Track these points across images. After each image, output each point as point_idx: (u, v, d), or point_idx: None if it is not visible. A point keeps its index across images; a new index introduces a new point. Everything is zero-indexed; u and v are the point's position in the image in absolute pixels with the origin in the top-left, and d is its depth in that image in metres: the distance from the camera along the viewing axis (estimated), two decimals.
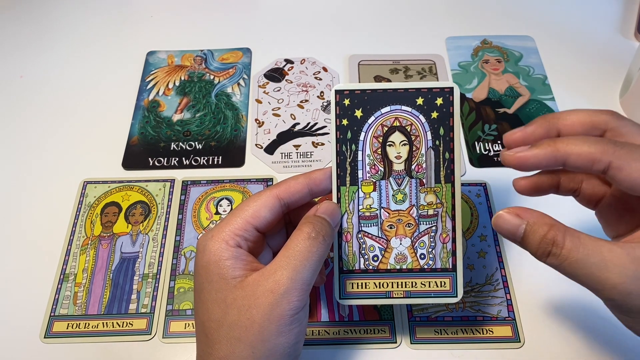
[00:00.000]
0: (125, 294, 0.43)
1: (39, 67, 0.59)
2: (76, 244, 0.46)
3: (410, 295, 0.35)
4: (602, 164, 0.27)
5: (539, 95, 0.56)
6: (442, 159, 0.35)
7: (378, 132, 0.35)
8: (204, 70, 0.59)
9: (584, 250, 0.27)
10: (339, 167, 0.35)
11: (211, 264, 0.31)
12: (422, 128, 0.34)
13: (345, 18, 0.64)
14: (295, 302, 0.30)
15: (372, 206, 0.35)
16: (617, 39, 0.61)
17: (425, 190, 0.35)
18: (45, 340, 0.41)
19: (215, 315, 0.31)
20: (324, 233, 0.32)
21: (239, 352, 0.30)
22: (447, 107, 0.34)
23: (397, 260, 0.35)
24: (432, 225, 0.35)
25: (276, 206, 0.33)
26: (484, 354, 0.40)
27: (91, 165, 0.51)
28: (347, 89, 0.35)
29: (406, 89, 0.34)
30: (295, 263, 0.30)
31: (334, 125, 0.35)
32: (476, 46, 0.60)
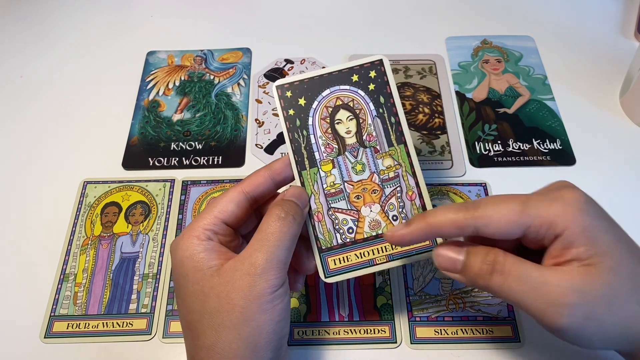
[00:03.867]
0: (125, 294, 0.43)
1: (39, 67, 0.59)
2: (76, 244, 0.46)
3: (393, 258, 0.35)
4: (470, 228, 0.30)
5: (539, 95, 0.56)
6: (389, 124, 0.36)
7: (324, 114, 0.37)
8: (204, 70, 0.59)
9: (525, 267, 0.29)
10: (295, 153, 0.36)
11: (185, 259, 0.32)
12: (363, 101, 0.37)
13: (345, 18, 0.64)
14: (273, 280, 0.31)
15: (335, 182, 0.36)
16: (617, 39, 0.61)
17: (381, 156, 0.36)
18: (45, 340, 0.41)
19: (195, 307, 0.31)
20: (293, 212, 0.33)
21: (224, 337, 0.30)
22: (382, 77, 0.37)
23: (371, 227, 0.36)
24: (396, 186, 0.36)
25: (242, 200, 0.34)
26: (484, 354, 0.40)
27: (91, 165, 0.51)
28: (286, 82, 0.37)
29: (340, 70, 0.37)
30: (269, 244, 0.31)
31: (282, 117, 0.36)
32: (476, 46, 0.60)
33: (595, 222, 0.28)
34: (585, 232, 0.28)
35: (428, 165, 0.50)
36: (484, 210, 0.29)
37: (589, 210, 0.29)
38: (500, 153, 0.51)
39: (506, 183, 0.49)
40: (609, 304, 0.27)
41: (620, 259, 0.28)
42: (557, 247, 0.29)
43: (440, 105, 0.55)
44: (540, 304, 0.28)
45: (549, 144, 0.52)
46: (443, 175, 0.50)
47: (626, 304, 0.28)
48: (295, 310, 0.42)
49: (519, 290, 0.28)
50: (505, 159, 0.51)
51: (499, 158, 0.51)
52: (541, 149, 0.51)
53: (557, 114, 0.54)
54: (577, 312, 0.27)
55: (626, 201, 0.48)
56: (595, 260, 0.28)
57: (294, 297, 0.43)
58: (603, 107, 0.55)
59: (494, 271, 0.29)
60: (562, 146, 0.52)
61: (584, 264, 0.28)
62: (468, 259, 0.31)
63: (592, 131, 0.53)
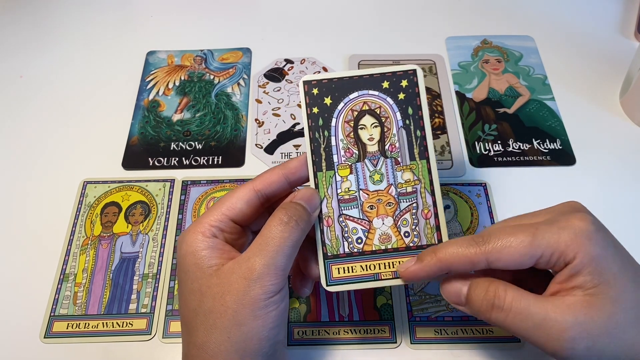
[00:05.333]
0: (125, 294, 0.43)
1: (39, 67, 0.59)
2: (76, 244, 0.46)
3: (399, 276, 0.34)
4: (482, 263, 0.30)
5: (539, 95, 0.56)
6: (414, 137, 0.35)
7: (349, 117, 0.36)
8: (203, 70, 0.59)
9: (526, 301, 0.29)
10: (313, 153, 0.35)
11: (188, 255, 0.32)
12: (390, 109, 0.36)
13: (345, 18, 0.64)
14: (269, 287, 0.30)
15: (350, 189, 0.35)
16: (617, 39, 0.61)
17: (401, 169, 0.35)
18: (45, 340, 0.41)
19: (192, 304, 0.31)
20: (297, 217, 0.32)
21: (214, 338, 0.30)
22: (413, 88, 0.35)
23: (381, 240, 0.35)
24: (412, 202, 0.35)
25: (252, 198, 0.34)
26: (484, 354, 0.40)
27: (91, 165, 0.51)
28: (314, 79, 0.36)
29: (371, 75, 0.35)
30: (268, 249, 0.31)
31: (305, 114, 0.35)
32: (476, 46, 0.60)
33: (603, 252, 0.29)
34: (593, 262, 0.28)
35: None
36: (494, 244, 0.29)
37: (598, 239, 0.29)
38: (500, 153, 0.51)
39: (506, 183, 0.49)
40: (610, 335, 0.28)
41: (624, 289, 0.28)
42: (565, 273, 0.29)
43: (440, 105, 0.55)
44: (543, 340, 0.28)
45: (549, 144, 0.52)
46: (443, 175, 0.50)
47: (628, 334, 0.28)
48: (295, 310, 0.42)
49: (521, 326, 0.29)
50: (505, 159, 0.51)
51: (499, 158, 0.51)
52: (541, 149, 0.51)
53: (557, 114, 0.54)
54: (580, 345, 0.28)
55: (626, 201, 0.48)
56: (598, 290, 0.28)
57: (294, 297, 0.43)
58: (603, 107, 0.55)
59: (494, 307, 0.30)
60: (562, 146, 0.52)
61: (588, 293, 0.28)
62: (470, 293, 0.31)
63: (592, 131, 0.53)
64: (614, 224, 0.46)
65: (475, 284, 0.31)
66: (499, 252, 0.29)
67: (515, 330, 0.29)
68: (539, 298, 0.29)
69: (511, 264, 0.29)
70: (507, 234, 0.29)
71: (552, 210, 0.32)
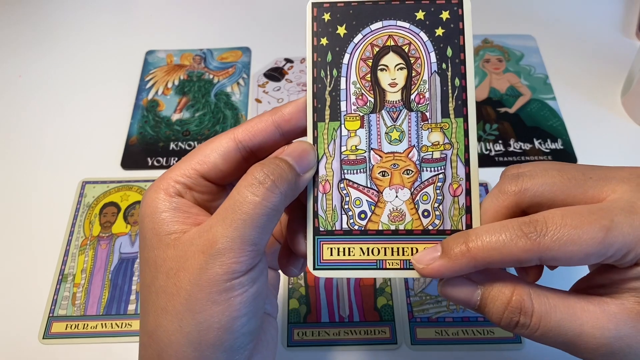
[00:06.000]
0: (124, 295, 0.43)
1: (38, 67, 0.59)
2: (75, 244, 0.46)
3: (410, 267, 0.27)
4: (533, 262, 0.23)
5: (540, 94, 0.55)
6: (450, 87, 0.27)
7: (367, 54, 0.28)
8: (203, 69, 0.58)
9: (556, 316, 0.23)
10: (315, 97, 0.27)
11: (146, 216, 0.26)
12: (423, 48, 0.28)
13: None
14: (232, 265, 0.23)
15: (358, 147, 0.27)
16: (618, 39, 0.61)
17: (429, 127, 0.27)
18: (43, 341, 0.41)
19: (146, 279, 0.25)
20: (276, 177, 0.24)
21: (165, 324, 0.24)
22: (456, 23, 0.28)
23: (391, 218, 0.27)
24: (438, 172, 0.27)
25: (231, 150, 0.27)
26: (485, 355, 0.40)
27: (90, 165, 0.51)
28: (327, 1, 0.28)
29: (403, 0, 0.27)
30: (234, 217, 0.24)
31: (310, 46, 0.28)
32: (477, 45, 0.60)
33: None
34: None
35: None
36: (554, 237, 0.22)
37: None
38: (502, 153, 0.51)
39: None
40: None
41: None
42: (630, 273, 0.23)
43: None
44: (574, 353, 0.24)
45: (550, 144, 0.51)
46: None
47: None
48: (295, 311, 0.42)
49: (551, 343, 0.24)
50: (506, 158, 0.51)
51: (500, 158, 0.51)
52: (542, 149, 0.51)
53: (559, 113, 0.54)
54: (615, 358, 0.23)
55: None
56: None
57: (294, 298, 0.43)
58: (604, 107, 0.55)
59: (518, 325, 0.24)
60: (563, 146, 0.51)
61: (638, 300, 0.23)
62: (486, 304, 0.25)
63: (594, 131, 0.53)
64: None
65: (494, 290, 0.24)
66: (560, 249, 0.22)
67: (542, 342, 0.24)
68: (571, 307, 0.24)
69: (571, 264, 0.23)
70: (573, 224, 0.22)
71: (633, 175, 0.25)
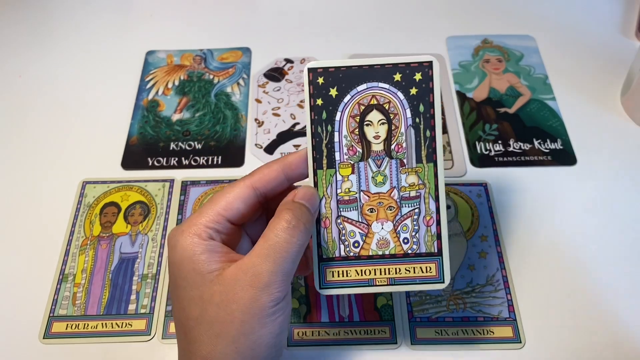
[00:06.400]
0: (124, 295, 0.43)
1: (38, 67, 0.59)
2: (75, 244, 0.46)
3: (395, 283, 0.33)
4: None
5: (539, 94, 0.55)
6: (422, 138, 0.33)
7: (355, 112, 0.33)
8: (203, 69, 0.58)
9: None
10: (314, 149, 0.33)
11: (185, 259, 0.30)
12: (400, 105, 0.33)
13: (345, 17, 0.64)
14: (276, 294, 0.29)
15: (351, 189, 0.33)
16: (618, 39, 0.61)
17: (406, 171, 0.33)
18: (44, 340, 0.41)
19: (193, 313, 0.30)
20: (305, 220, 0.30)
21: (221, 348, 0.29)
22: (427, 83, 0.33)
23: (379, 245, 0.34)
24: (414, 207, 0.33)
25: (250, 197, 0.32)
26: (485, 354, 0.40)
27: (90, 165, 0.51)
28: (320, 67, 0.33)
29: (383, 65, 0.33)
30: (276, 255, 0.29)
31: (308, 106, 0.33)
32: (477, 46, 0.60)
33: None
34: None
35: None
36: None
37: None
38: (501, 153, 0.51)
39: (507, 183, 0.49)
40: None
41: None
42: None
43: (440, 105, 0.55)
44: None
45: (549, 144, 0.52)
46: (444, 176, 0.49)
47: None
48: (295, 311, 0.42)
49: None
50: (506, 158, 0.51)
51: (500, 158, 0.51)
52: (542, 149, 0.51)
53: (558, 113, 0.54)
54: None
55: (627, 201, 0.48)
56: None
57: (294, 298, 0.43)
58: (604, 107, 0.55)
59: None
60: (563, 146, 0.51)
61: None
62: None
63: (593, 131, 0.53)
64: (614, 224, 0.47)
65: None
66: None
67: None
68: None
69: None
70: None
71: None
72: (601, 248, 0.45)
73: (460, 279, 0.43)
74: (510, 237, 0.46)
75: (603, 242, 0.46)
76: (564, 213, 0.47)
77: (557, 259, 0.45)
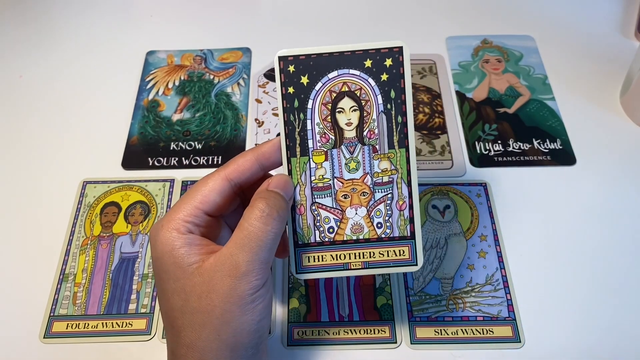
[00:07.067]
0: (124, 294, 0.43)
1: (38, 67, 0.59)
2: (76, 244, 0.46)
3: (369, 266, 0.34)
4: None
5: (539, 95, 0.56)
6: (394, 123, 0.33)
7: (326, 99, 0.33)
8: (203, 70, 0.58)
9: None
10: (287, 137, 0.33)
11: (165, 254, 0.31)
12: (371, 92, 0.33)
13: (345, 17, 0.64)
14: (255, 282, 0.30)
15: (324, 176, 0.34)
16: (617, 39, 0.61)
17: (378, 157, 0.34)
18: (44, 340, 0.41)
19: (177, 304, 0.31)
20: (278, 208, 0.31)
21: (204, 336, 0.30)
22: (397, 68, 0.33)
23: (353, 230, 0.34)
24: (387, 192, 0.34)
25: (226, 188, 0.33)
26: (484, 354, 0.40)
27: (91, 165, 0.51)
28: (291, 55, 0.33)
29: (353, 52, 0.33)
30: (251, 244, 0.30)
31: (280, 94, 0.33)
32: (476, 46, 0.60)
33: None
34: None
35: (428, 165, 0.50)
36: None
37: None
38: (501, 153, 0.51)
39: (506, 183, 0.49)
40: None
41: None
42: None
43: (440, 105, 0.55)
44: None
45: (549, 144, 0.52)
46: (443, 175, 0.50)
47: None
48: (295, 310, 0.42)
49: None
50: (505, 158, 0.51)
51: (499, 158, 0.51)
52: (541, 149, 0.51)
53: (558, 113, 0.54)
54: None
55: (627, 201, 0.48)
56: None
57: (294, 298, 0.43)
58: (603, 107, 0.55)
59: None
60: (562, 146, 0.52)
61: None
62: None
63: (593, 131, 0.53)
64: (614, 224, 0.47)
65: None
66: None
67: None
68: None
69: None
70: None
71: None
72: (600, 247, 0.45)
73: (459, 279, 0.44)
74: (509, 236, 0.46)
75: (602, 241, 0.46)
76: (563, 213, 0.47)
77: (556, 259, 0.45)
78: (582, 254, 0.45)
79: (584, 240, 0.46)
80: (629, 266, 0.44)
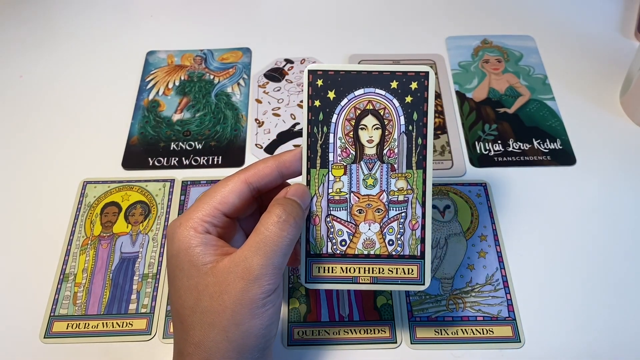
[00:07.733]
0: (125, 294, 0.43)
1: (39, 67, 0.59)
2: (76, 244, 0.46)
3: (377, 282, 0.35)
4: None
5: (539, 95, 0.56)
6: (414, 145, 0.34)
7: (350, 115, 0.34)
8: (203, 70, 0.58)
9: None
10: (309, 149, 0.34)
11: (181, 251, 0.31)
12: (395, 112, 0.34)
13: (345, 17, 0.64)
14: (267, 286, 0.30)
15: (342, 190, 0.35)
16: (617, 39, 0.61)
17: (396, 176, 0.35)
18: (45, 340, 0.41)
19: (188, 302, 0.31)
20: (295, 215, 0.32)
21: (212, 336, 0.30)
22: (422, 92, 0.34)
23: (365, 245, 0.35)
24: (401, 211, 0.35)
25: (245, 191, 0.33)
26: (484, 354, 0.40)
27: (91, 165, 0.51)
28: (320, 69, 0.34)
29: (381, 72, 0.34)
30: (266, 249, 0.30)
31: (306, 106, 0.34)
32: (476, 46, 0.60)
33: None
34: None
35: None
36: None
37: None
38: (501, 153, 0.51)
39: (506, 183, 0.49)
40: None
41: None
42: None
43: (440, 105, 0.55)
44: None
45: (549, 144, 0.52)
46: (443, 175, 0.50)
47: None
48: (295, 310, 0.42)
49: None
50: (505, 158, 0.51)
51: (499, 158, 0.51)
52: (541, 149, 0.51)
53: (558, 113, 0.54)
54: None
55: (627, 201, 0.48)
56: None
57: (294, 297, 0.43)
58: (603, 107, 0.55)
59: None
60: (562, 146, 0.52)
61: None
62: None
63: (593, 131, 0.53)
64: (614, 224, 0.47)
65: None
66: None
67: None
68: None
69: None
70: None
71: None
72: (600, 247, 0.45)
73: (459, 279, 0.44)
74: (509, 236, 0.46)
75: (602, 241, 0.46)
76: (563, 213, 0.47)
77: (556, 259, 0.45)
78: (582, 254, 0.45)
79: (583, 240, 0.46)
80: (628, 266, 0.44)
